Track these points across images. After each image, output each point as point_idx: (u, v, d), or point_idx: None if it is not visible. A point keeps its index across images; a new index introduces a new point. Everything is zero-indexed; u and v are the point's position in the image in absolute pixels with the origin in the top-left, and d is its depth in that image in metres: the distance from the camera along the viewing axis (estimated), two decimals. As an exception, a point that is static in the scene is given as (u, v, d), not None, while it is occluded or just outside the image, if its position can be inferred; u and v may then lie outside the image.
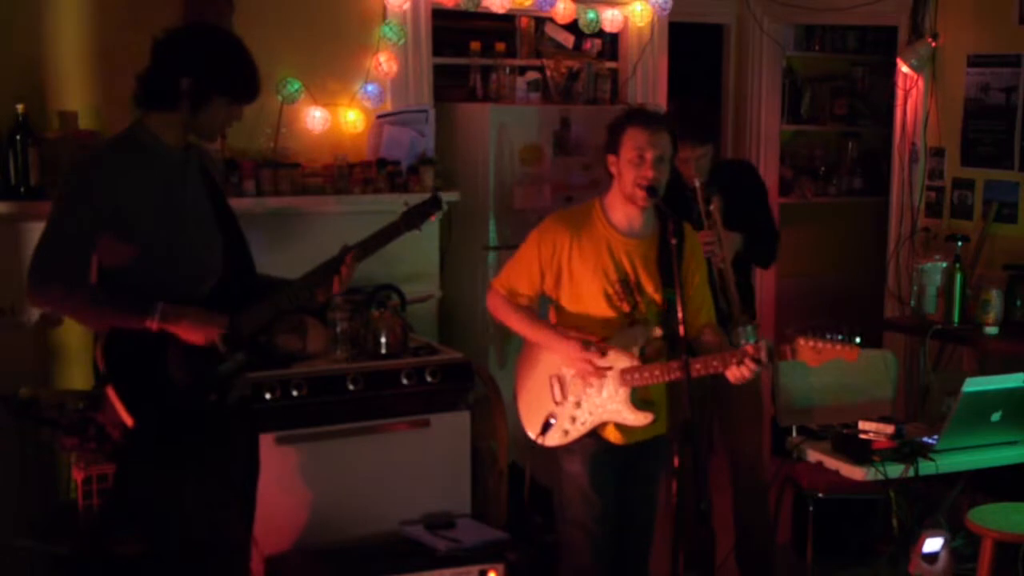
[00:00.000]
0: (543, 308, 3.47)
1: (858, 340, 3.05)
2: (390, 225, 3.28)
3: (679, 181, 3.93)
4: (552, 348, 3.32)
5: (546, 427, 3.31)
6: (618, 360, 3.25)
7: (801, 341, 3.07)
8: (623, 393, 3.25)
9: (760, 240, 4.15)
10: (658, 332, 3.25)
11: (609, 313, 3.27)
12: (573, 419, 3.30)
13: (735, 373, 3.12)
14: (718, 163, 4.13)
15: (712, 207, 3.91)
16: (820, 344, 3.05)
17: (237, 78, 3.01)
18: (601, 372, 3.24)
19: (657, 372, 3.20)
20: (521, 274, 3.37)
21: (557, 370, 3.34)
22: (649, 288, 3.28)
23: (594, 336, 3.27)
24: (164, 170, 2.99)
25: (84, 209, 2.88)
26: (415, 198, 4.53)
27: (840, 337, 3.04)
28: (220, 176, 3.31)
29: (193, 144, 3.09)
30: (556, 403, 3.33)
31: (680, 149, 3.72)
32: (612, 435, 3.31)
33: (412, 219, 3.32)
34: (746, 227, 4.05)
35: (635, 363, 3.23)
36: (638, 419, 3.25)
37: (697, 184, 3.91)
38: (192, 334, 2.92)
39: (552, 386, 3.34)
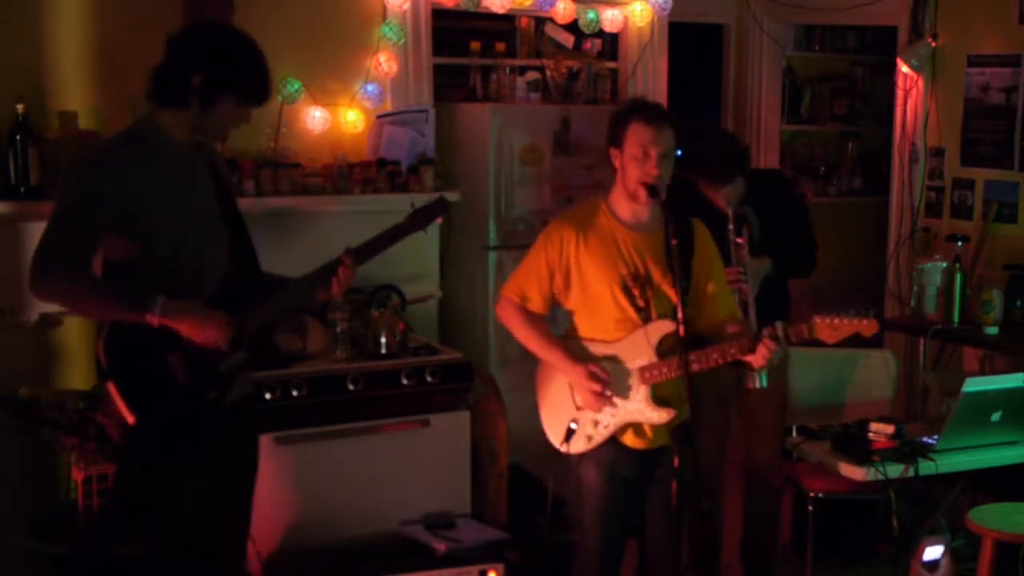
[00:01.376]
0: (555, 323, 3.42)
1: (872, 313, 3.01)
2: (395, 226, 3.27)
3: (711, 203, 3.98)
4: (559, 370, 3.29)
5: (569, 434, 3.26)
6: (635, 358, 3.22)
7: (817, 319, 3.02)
8: (643, 391, 3.21)
9: (797, 251, 4.10)
10: (671, 326, 3.19)
11: (623, 309, 3.22)
12: (596, 423, 3.25)
13: (756, 358, 3.08)
14: (751, 175, 4.08)
15: (741, 240, 3.89)
16: (836, 320, 3.01)
17: (249, 79, 3.00)
18: (603, 403, 3.21)
19: (675, 366, 3.14)
20: (531, 278, 3.31)
21: None
22: (660, 282, 3.24)
23: (609, 339, 3.24)
24: (172, 166, 2.99)
25: (89, 203, 2.88)
26: (418, 199, 4.56)
27: (855, 312, 3.01)
28: (227, 174, 3.30)
29: (202, 142, 3.09)
30: (577, 408, 3.28)
31: (707, 187, 3.91)
32: (631, 440, 3.27)
33: (418, 220, 3.31)
34: (783, 238, 4.01)
35: (653, 359, 3.20)
36: (661, 416, 3.21)
37: (730, 213, 3.90)
38: (193, 332, 2.92)
39: (572, 392, 3.29)
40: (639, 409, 3.23)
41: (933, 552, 3.80)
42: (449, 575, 3.73)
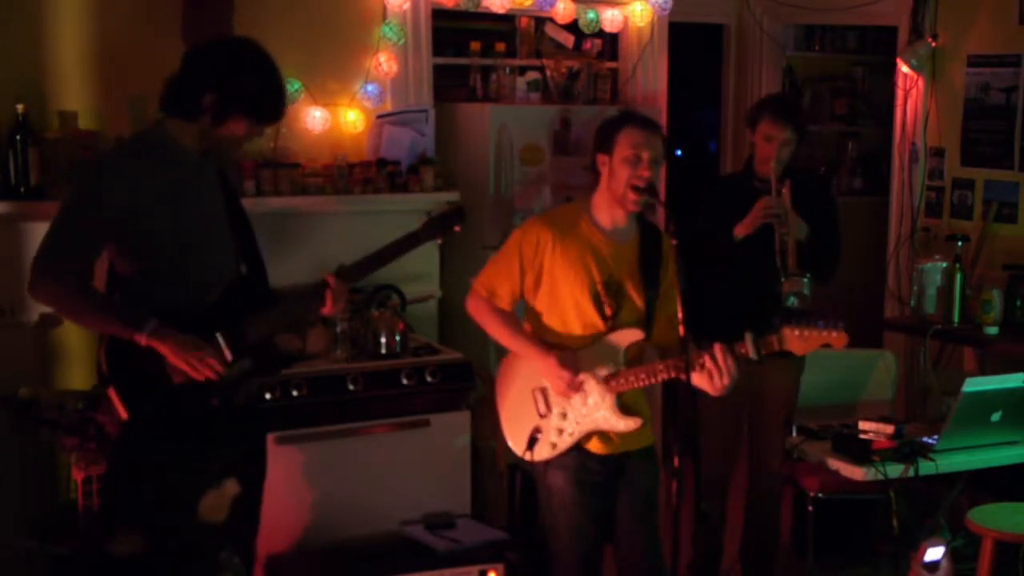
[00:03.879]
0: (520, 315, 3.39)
1: (841, 325, 3.03)
2: (409, 234, 3.28)
3: (745, 175, 4.07)
4: (530, 359, 3.25)
5: (532, 442, 3.24)
6: (601, 366, 3.21)
7: (787, 330, 3.05)
8: (608, 400, 3.20)
9: (821, 256, 4.07)
10: (639, 335, 3.21)
11: (590, 317, 3.21)
12: (560, 431, 3.23)
13: (721, 372, 3.05)
14: (794, 172, 4.06)
15: (784, 189, 3.89)
16: (806, 332, 3.03)
17: (262, 100, 2.99)
18: (575, 390, 3.19)
19: (642, 375, 3.16)
20: (501, 274, 3.28)
21: (539, 382, 3.27)
22: (631, 292, 3.24)
23: (572, 346, 3.22)
24: (179, 174, 2.98)
25: (93, 209, 2.88)
26: (418, 199, 4.57)
27: (823, 324, 3.03)
28: (237, 180, 3.29)
29: (212, 151, 3.07)
30: (541, 416, 3.26)
31: (767, 125, 3.95)
32: (595, 446, 3.25)
33: (433, 230, 3.32)
34: (810, 242, 3.97)
35: (619, 368, 3.20)
36: (627, 424, 3.20)
37: (773, 167, 3.91)
38: (178, 359, 2.90)
39: (536, 399, 3.26)
40: (604, 417, 3.21)
41: (934, 553, 3.79)
42: (449, 575, 3.73)
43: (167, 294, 2.92)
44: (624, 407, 3.22)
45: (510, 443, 3.34)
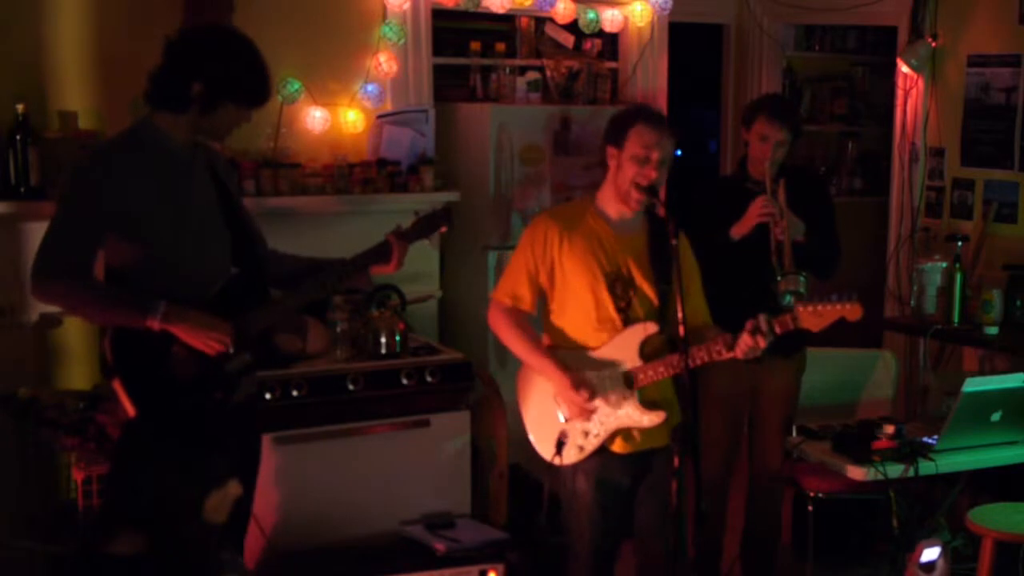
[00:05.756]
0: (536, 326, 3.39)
1: (855, 297, 3.03)
2: (398, 233, 3.28)
3: (739, 176, 4.06)
4: (546, 376, 3.26)
5: (560, 446, 3.23)
6: (621, 362, 3.21)
7: (800, 308, 3.05)
8: (631, 396, 3.21)
9: (822, 250, 4.07)
10: (654, 328, 3.21)
11: (604, 309, 3.21)
12: (586, 433, 3.23)
13: (742, 347, 3.06)
14: (789, 171, 4.05)
15: (778, 187, 3.88)
16: (820, 307, 3.03)
17: (249, 84, 2.99)
18: (586, 414, 3.20)
19: (661, 368, 3.16)
20: (520, 276, 3.29)
21: None
22: (642, 284, 3.24)
23: (591, 344, 3.22)
24: (170, 169, 2.99)
25: (89, 206, 2.88)
26: (419, 199, 4.57)
27: (837, 297, 3.03)
28: (230, 175, 3.30)
29: (200, 143, 3.08)
30: (565, 420, 3.26)
31: (762, 125, 3.91)
32: (619, 446, 3.25)
33: (422, 230, 3.33)
34: (809, 235, 3.97)
35: (637, 363, 3.20)
36: (651, 419, 3.20)
37: (767, 167, 3.89)
38: (193, 338, 2.92)
39: (559, 404, 3.27)
40: (628, 414, 3.21)
41: (930, 554, 3.80)
42: (449, 575, 3.73)
43: (163, 290, 2.92)
44: (647, 402, 3.21)
45: (538, 449, 3.34)
